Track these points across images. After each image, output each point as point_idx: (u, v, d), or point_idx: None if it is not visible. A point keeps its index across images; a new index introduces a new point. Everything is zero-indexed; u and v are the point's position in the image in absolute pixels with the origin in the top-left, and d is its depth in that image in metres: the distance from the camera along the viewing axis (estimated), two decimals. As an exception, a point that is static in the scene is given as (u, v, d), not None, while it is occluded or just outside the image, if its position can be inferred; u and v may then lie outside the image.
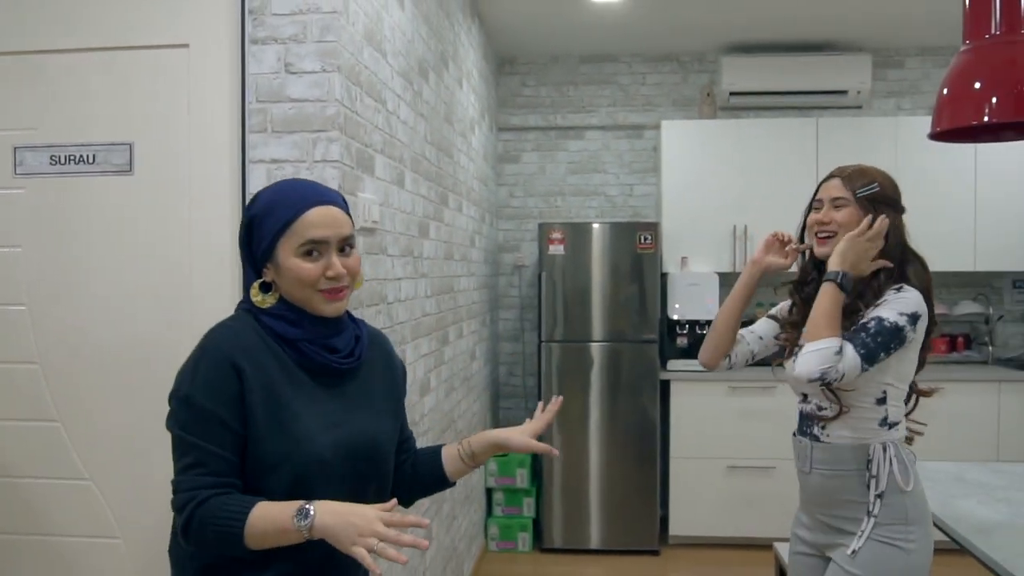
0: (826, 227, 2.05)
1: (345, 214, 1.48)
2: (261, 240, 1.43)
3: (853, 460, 2.00)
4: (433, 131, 3.25)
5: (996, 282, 5.21)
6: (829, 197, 2.06)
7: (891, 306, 1.94)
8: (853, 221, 2.01)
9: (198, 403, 1.36)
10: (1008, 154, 4.76)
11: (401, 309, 2.70)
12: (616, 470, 4.68)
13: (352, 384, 1.51)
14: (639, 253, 4.66)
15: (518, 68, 5.43)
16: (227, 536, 1.32)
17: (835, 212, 2.04)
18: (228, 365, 1.37)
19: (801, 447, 2.10)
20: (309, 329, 1.44)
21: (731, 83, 5.02)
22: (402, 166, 2.72)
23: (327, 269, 1.42)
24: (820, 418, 2.05)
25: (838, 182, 2.06)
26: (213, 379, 1.36)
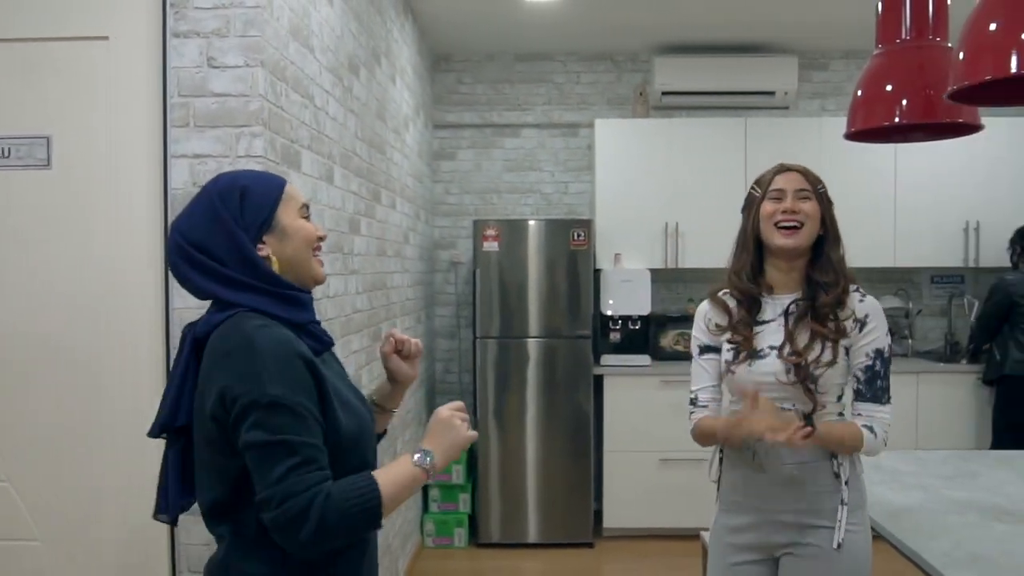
0: (794, 216, 1.96)
1: None
2: (261, 208, 1.40)
3: (820, 454, 1.96)
4: (365, 127, 3.24)
5: (915, 277, 5.40)
6: (793, 188, 1.99)
7: (881, 331, 1.98)
8: (817, 215, 1.98)
9: (290, 402, 1.30)
10: (926, 154, 4.92)
11: (330, 305, 2.69)
12: (551, 464, 4.71)
13: (334, 357, 1.55)
14: (573, 250, 4.70)
15: (454, 65, 5.43)
16: (368, 514, 1.32)
17: (802, 203, 1.98)
18: (296, 358, 1.34)
19: (761, 444, 1.95)
20: (311, 311, 1.46)
21: (664, 83, 5.10)
22: (331, 162, 2.71)
23: (317, 229, 1.48)
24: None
25: (799, 176, 2.02)
26: (292, 376, 1.32)
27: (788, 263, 2.01)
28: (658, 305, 5.25)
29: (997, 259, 4.94)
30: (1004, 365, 4.52)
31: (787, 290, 2.03)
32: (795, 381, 1.93)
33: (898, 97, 2.56)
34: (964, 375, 4.82)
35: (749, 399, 1.85)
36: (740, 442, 1.96)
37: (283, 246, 1.41)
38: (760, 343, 1.99)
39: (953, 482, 2.70)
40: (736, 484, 2.07)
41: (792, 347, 1.94)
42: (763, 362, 1.98)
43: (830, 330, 1.93)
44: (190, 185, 2.06)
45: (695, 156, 5.00)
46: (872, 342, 1.94)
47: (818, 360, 1.93)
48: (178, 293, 2.07)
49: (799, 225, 1.95)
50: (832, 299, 1.94)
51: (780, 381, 1.94)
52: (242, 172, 1.49)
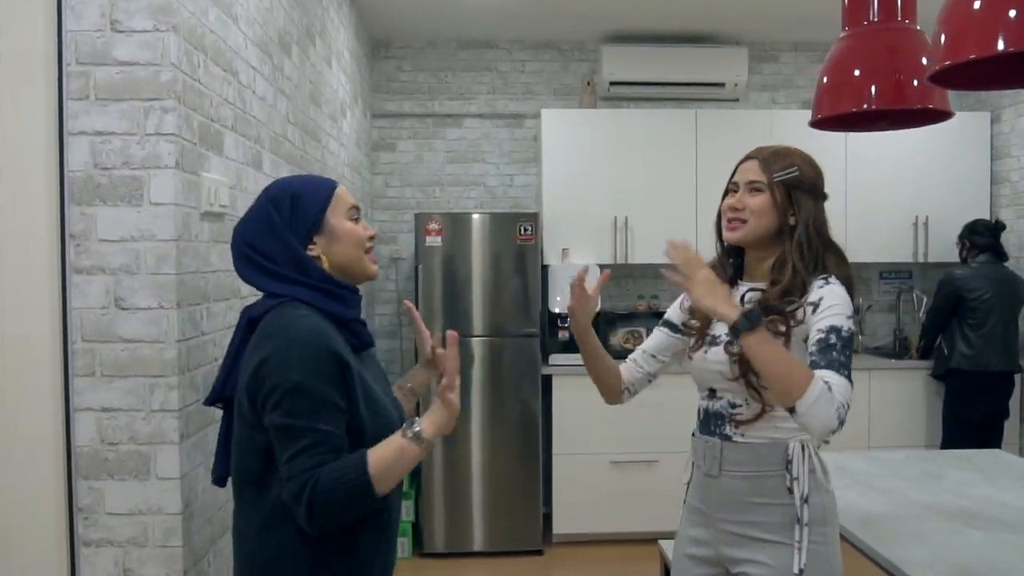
0: (738, 213, 1.85)
1: None
2: (309, 211, 1.53)
3: (771, 461, 1.80)
4: (297, 111, 2.99)
5: (865, 273, 5.35)
6: (745, 180, 1.86)
7: (836, 310, 1.71)
8: (767, 208, 1.82)
9: (309, 388, 1.40)
10: (875, 150, 4.89)
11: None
12: (498, 469, 4.54)
13: (371, 357, 1.64)
14: (519, 245, 4.52)
15: (393, 52, 5.19)
16: (357, 490, 1.39)
17: (749, 197, 1.84)
18: (325, 350, 1.43)
19: (709, 447, 1.86)
20: (357, 309, 1.57)
21: (611, 72, 4.95)
22: (259, 146, 2.47)
23: (367, 229, 1.59)
24: (733, 417, 1.84)
25: (755, 164, 1.87)
26: (317, 364, 1.41)
27: (752, 255, 1.91)
28: (607, 302, 5.10)
29: (946, 254, 4.92)
30: (951, 359, 4.48)
31: (756, 278, 1.90)
32: (738, 376, 1.78)
33: (867, 82, 2.43)
34: (915, 371, 4.77)
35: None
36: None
37: (332, 247, 1.54)
38: (719, 329, 1.85)
39: (918, 484, 2.63)
40: (697, 489, 1.94)
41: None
42: (716, 349, 1.85)
43: (773, 321, 1.74)
44: (91, 167, 1.80)
45: (645, 148, 4.86)
46: (825, 320, 1.69)
47: None
48: (77, 291, 1.81)
49: (744, 221, 1.83)
50: (776, 292, 1.77)
51: (723, 375, 1.81)
52: (295, 178, 1.62)
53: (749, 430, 1.81)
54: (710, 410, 1.88)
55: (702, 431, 1.91)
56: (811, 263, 1.79)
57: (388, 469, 1.41)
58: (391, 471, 1.42)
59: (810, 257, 1.80)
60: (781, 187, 1.82)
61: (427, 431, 1.46)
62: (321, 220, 1.54)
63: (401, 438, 1.44)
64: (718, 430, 1.85)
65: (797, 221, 1.82)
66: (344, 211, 1.57)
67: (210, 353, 2.03)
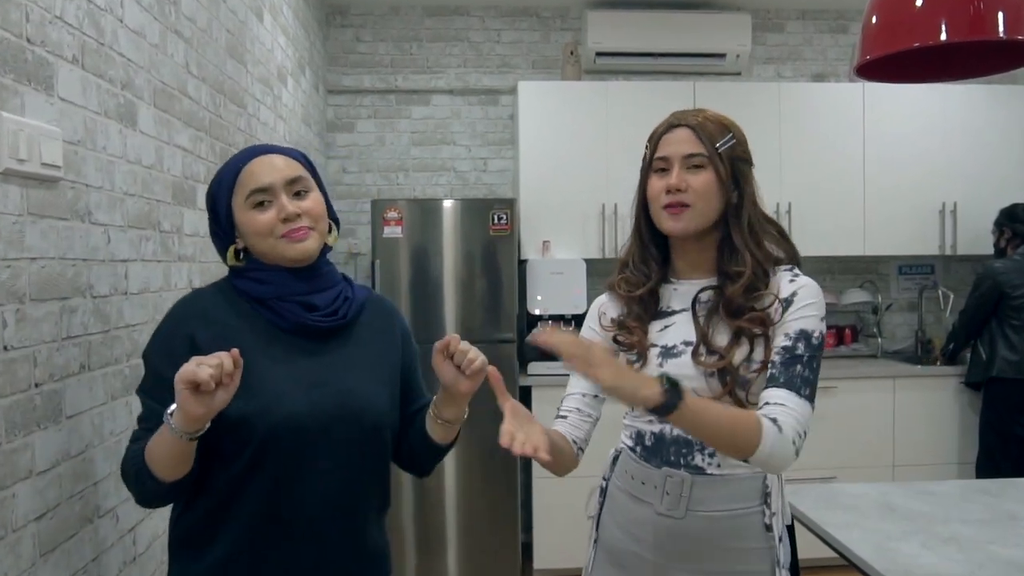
0: (679, 196, 1.50)
1: (296, 161, 1.48)
2: (220, 209, 1.45)
3: (749, 494, 1.52)
4: (205, 63, 2.37)
5: (882, 268, 4.79)
6: (681, 154, 1.52)
7: (810, 311, 1.49)
8: (712, 187, 1.51)
9: (152, 364, 1.40)
10: (897, 127, 4.34)
11: (133, 306, 1.84)
12: (472, 493, 4.00)
13: (338, 346, 1.48)
14: (493, 236, 3.92)
15: (351, 20, 4.58)
16: (139, 469, 1.33)
17: (690, 175, 1.51)
18: (179, 330, 1.40)
19: (671, 483, 1.52)
20: (280, 286, 1.44)
21: (597, 42, 4.37)
22: (132, 95, 1.85)
23: (279, 212, 1.42)
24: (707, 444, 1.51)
25: (688, 133, 1.53)
26: (165, 342, 1.41)
27: (691, 246, 1.58)
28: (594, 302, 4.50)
29: (976, 245, 4.36)
30: (992, 366, 3.90)
31: (699, 273, 1.59)
32: (721, 390, 1.48)
33: (935, 11, 1.85)
34: (943, 378, 4.19)
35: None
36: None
37: (247, 240, 1.45)
38: (670, 338, 1.55)
39: (995, 531, 2.05)
40: (636, 531, 1.58)
41: (709, 347, 1.51)
42: (677, 363, 1.53)
43: (752, 322, 1.49)
44: None
45: (636, 127, 4.19)
46: (795, 321, 1.48)
47: (748, 361, 1.48)
48: None
49: (687, 204, 1.51)
50: (740, 288, 1.50)
51: (698, 392, 1.46)
52: (219, 168, 1.50)
53: (726, 457, 1.49)
54: (667, 436, 1.55)
55: (652, 459, 1.56)
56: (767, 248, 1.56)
57: (153, 454, 1.31)
58: (157, 455, 1.31)
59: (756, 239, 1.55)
60: (726, 159, 1.52)
61: (175, 416, 1.25)
62: (231, 215, 1.45)
63: (164, 423, 1.28)
64: (684, 460, 1.53)
65: (741, 198, 1.54)
66: (243, 200, 1.44)
67: (21, 376, 1.41)
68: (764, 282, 1.51)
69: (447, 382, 1.47)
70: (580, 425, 1.63)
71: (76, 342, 1.58)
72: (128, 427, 1.82)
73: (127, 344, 1.82)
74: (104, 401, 1.70)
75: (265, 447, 1.36)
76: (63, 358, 1.53)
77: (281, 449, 1.37)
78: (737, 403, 1.48)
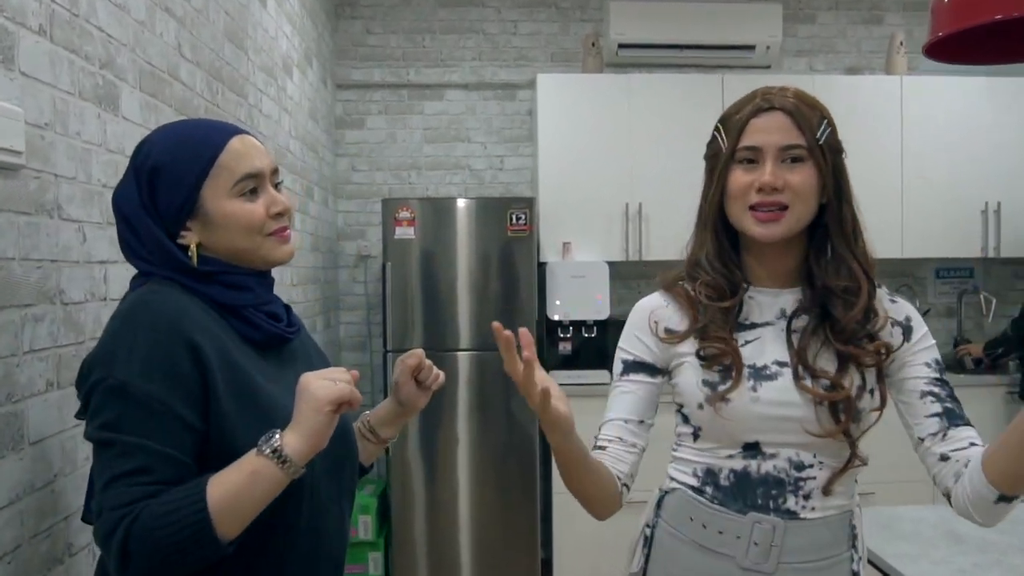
0: (777, 196, 1.26)
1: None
2: (176, 191, 1.15)
3: (838, 538, 1.30)
4: (200, 46, 2.17)
5: (919, 271, 4.55)
6: (776, 145, 1.27)
7: (928, 337, 1.34)
8: (812, 187, 1.27)
9: (140, 391, 1.04)
10: (937, 122, 4.11)
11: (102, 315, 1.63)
12: (488, 508, 3.81)
13: (297, 357, 1.30)
14: (511, 237, 3.72)
15: (360, 11, 4.38)
16: (191, 533, 1.00)
17: (787, 171, 1.27)
18: (180, 340, 1.07)
19: (761, 531, 1.27)
20: (253, 292, 1.22)
21: (620, 33, 4.15)
22: (111, 75, 1.64)
23: (271, 205, 1.20)
24: (802, 481, 1.28)
25: (784, 119, 1.27)
26: (160, 359, 1.06)
27: (774, 252, 1.34)
28: (617, 307, 4.27)
29: (1020, 247, 4.13)
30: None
31: (780, 282, 1.36)
32: (833, 426, 1.25)
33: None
34: (988, 388, 3.95)
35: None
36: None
37: (211, 235, 1.17)
38: (759, 356, 1.30)
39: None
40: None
41: (812, 371, 1.27)
42: (774, 386, 1.27)
43: (869, 351, 1.27)
44: None
45: (661, 121, 4.05)
46: (928, 349, 1.32)
47: (860, 393, 1.26)
48: None
49: (783, 208, 1.26)
50: (860, 311, 1.27)
51: (808, 431, 1.26)
52: (175, 129, 1.21)
53: (821, 499, 1.29)
54: (753, 474, 1.30)
55: (732, 503, 1.30)
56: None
57: (236, 502, 1.04)
58: (240, 505, 1.04)
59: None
60: (827, 151, 1.29)
61: (290, 445, 1.06)
62: (193, 201, 1.16)
63: (256, 456, 1.05)
64: (774, 503, 1.28)
65: (840, 197, 1.30)
66: (228, 186, 1.17)
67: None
68: (873, 302, 1.30)
69: (406, 398, 1.38)
70: (623, 457, 1.35)
71: (42, 356, 1.37)
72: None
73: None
74: (77, 423, 1.49)
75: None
76: (25, 375, 1.32)
77: (299, 482, 1.13)
78: (851, 444, 1.28)
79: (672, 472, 1.40)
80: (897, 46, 4.21)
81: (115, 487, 1.03)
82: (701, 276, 1.35)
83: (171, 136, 1.19)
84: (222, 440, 1.09)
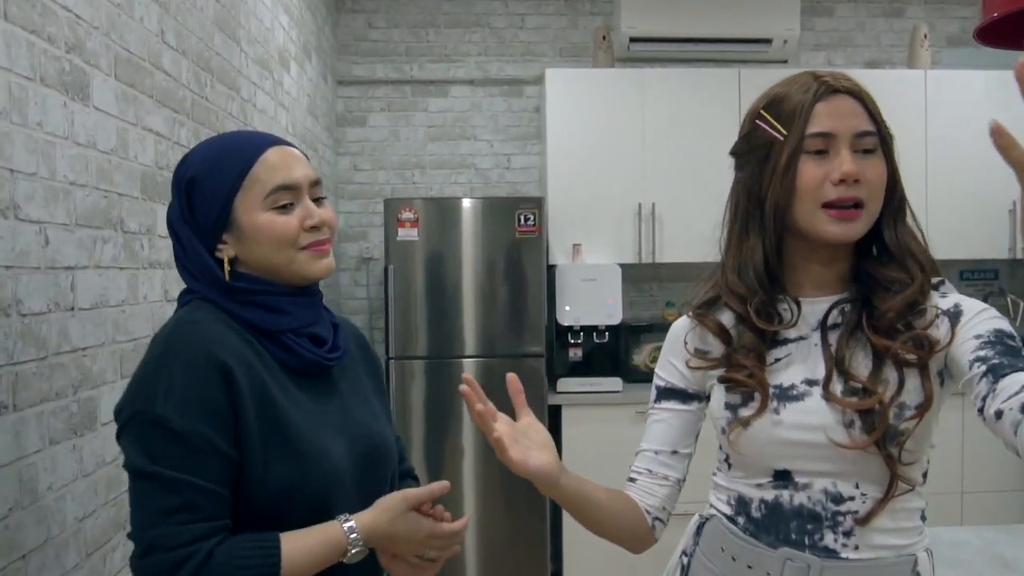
0: (856, 191, 1.11)
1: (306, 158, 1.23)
2: (211, 203, 1.15)
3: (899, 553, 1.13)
4: (183, 32, 2.01)
5: (943, 272, 4.37)
6: (851, 131, 1.12)
7: (987, 313, 1.11)
8: (883, 182, 1.14)
9: (178, 426, 1.04)
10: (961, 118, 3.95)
11: (84, 325, 1.47)
12: (496, 519, 3.69)
13: (341, 382, 1.27)
14: (519, 239, 3.57)
15: (362, 4, 4.23)
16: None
17: (866, 161, 1.12)
18: (214, 369, 1.07)
19: (796, 571, 1.13)
20: (292, 315, 1.19)
21: (631, 26, 3.99)
22: (83, 62, 1.49)
23: (306, 218, 1.18)
24: (841, 515, 1.12)
25: (855, 104, 1.13)
26: (196, 390, 1.06)
27: (826, 256, 1.19)
28: (629, 312, 4.12)
29: (1051, 248, 3.96)
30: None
31: (824, 291, 1.21)
32: (866, 440, 1.09)
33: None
34: (1017, 396, 3.79)
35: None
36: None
37: (245, 248, 1.17)
38: (787, 376, 1.16)
39: None
40: None
41: (846, 377, 1.12)
42: (799, 408, 1.14)
43: (907, 345, 1.10)
44: None
45: (675, 118, 3.90)
46: (980, 323, 1.10)
47: (900, 399, 1.09)
48: None
49: (861, 203, 1.12)
50: (901, 301, 1.11)
51: (835, 442, 1.10)
52: (206, 145, 1.21)
53: (866, 536, 1.12)
54: (785, 505, 1.16)
55: (764, 536, 1.17)
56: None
57: (307, 566, 1.08)
58: (307, 570, 1.09)
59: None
60: (890, 143, 1.16)
61: (363, 524, 1.13)
62: (227, 214, 1.16)
63: (339, 526, 1.12)
64: (810, 539, 1.14)
65: (901, 194, 1.18)
66: (260, 198, 1.15)
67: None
68: (925, 296, 1.13)
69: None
70: (653, 489, 1.26)
71: None
72: (76, 477, 1.45)
73: (74, 373, 1.45)
74: (39, 448, 1.33)
75: (314, 510, 1.14)
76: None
77: (327, 509, 1.15)
78: (887, 460, 1.09)
79: (711, 498, 1.27)
80: (920, 39, 4.05)
81: (166, 525, 1.04)
82: (751, 296, 1.18)
83: (209, 148, 1.20)
84: (251, 468, 1.10)
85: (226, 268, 1.17)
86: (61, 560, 1.39)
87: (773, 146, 1.14)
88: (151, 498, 1.04)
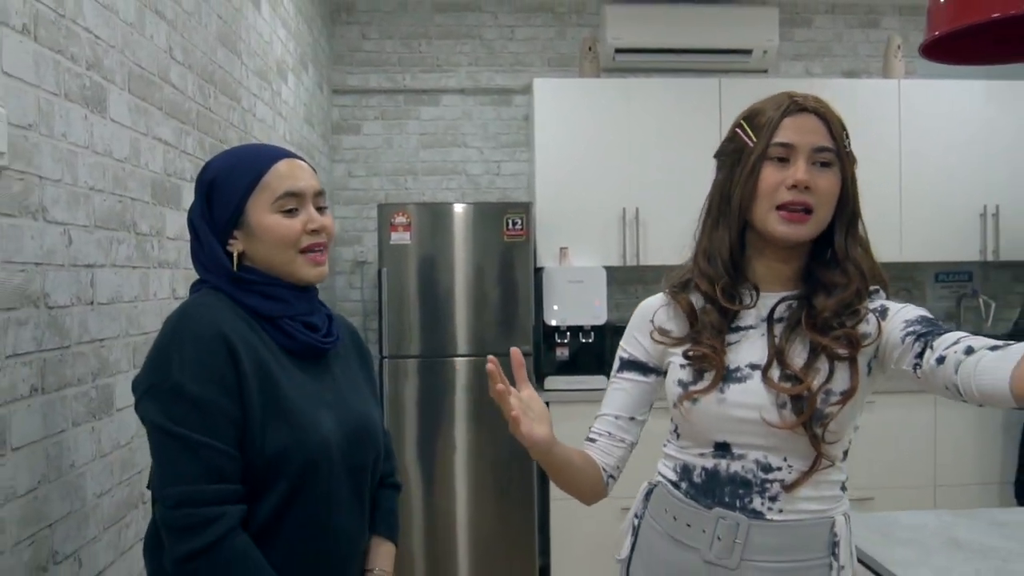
0: (806, 197, 1.27)
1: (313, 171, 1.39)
2: (227, 203, 1.30)
3: (814, 543, 1.30)
4: (192, 49, 2.15)
5: (918, 275, 4.52)
6: (810, 145, 1.28)
7: (913, 305, 1.29)
8: (835, 192, 1.29)
9: (194, 391, 1.17)
10: (935, 125, 4.09)
11: (101, 318, 1.61)
12: (486, 514, 3.77)
13: (334, 367, 1.41)
14: (508, 242, 3.69)
15: (357, 16, 4.36)
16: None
17: (820, 174, 1.28)
18: (221, 344, 1.21)
19: (725, 527, 1.30)
20: (290, 304, 1.34)
21: (616, 37, 4.13)
22: (98, 76, 1.63)
23: (308, 222, 1.33)
24: (767, 484, 1.29)
25: (818, 123, 1.29)
26: (206, 361, 1.19)
27: (782, 254, 1.35)
28: (614, 312, 4.24)
29: (1020, 250, 4.11)
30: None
31: (777, 286, 1.37)
32: (794, 421, 1.25)
33: (1017, -26, 1.61)
34: (988, 393, 3.92)
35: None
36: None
37: (254, 245, 1.32)
38: (734, 359, 1.33)
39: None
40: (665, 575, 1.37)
41: (783, 367, 1.28)
42: (741, 388, 1.30)
43: (838, 341, 1.26)
44: None
45: (659, 126, 4.03)
46: (909, 311, 1.26)
47: (827, 386, 1.26)
48: None
49: (811, 209, 1.28)
50: (836, 302, 1.28)
51: (768, 421, 1.26)
52: (227, 154, 1.38)
53: (789, 501, 1.29)
54: (722, 472, 1.32)
55: (702, 499, 1.33)
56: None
57: None
58: None
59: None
60: (849, 159, 1.32)
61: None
62: (240, 213, 1.31)
63: None
64: (740, 503, 1.30)
65: (853, 208, 1.33)
66: (270, 202, 1.31)
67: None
68: (861, 301, 1.29)
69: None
70: (611, 450, 1.42)
71: (25, 360, 1.35)
72: (95, 457, 1.58)
73: (93, 362, 1.58)
74: (63, 428, 1.47)
75: (302, 477, 1.26)
76: (7, 379, 1.30)
77: (315, 478, 1.28)
78: (812, 440, 1.26)
79: (659, 467, 1.44)
80: (895, 49, 4.20)
81: (195, 483, 1.16)
82: (718, 279, 1.34)
83: (229, 156, 1.36)
84: (251, 432, 1.22)
85: (235, 260, 1.31)
86: (82, 531, 1.52)
87: (744, 151, 1.30)
88: (178, 455, 1.17)
